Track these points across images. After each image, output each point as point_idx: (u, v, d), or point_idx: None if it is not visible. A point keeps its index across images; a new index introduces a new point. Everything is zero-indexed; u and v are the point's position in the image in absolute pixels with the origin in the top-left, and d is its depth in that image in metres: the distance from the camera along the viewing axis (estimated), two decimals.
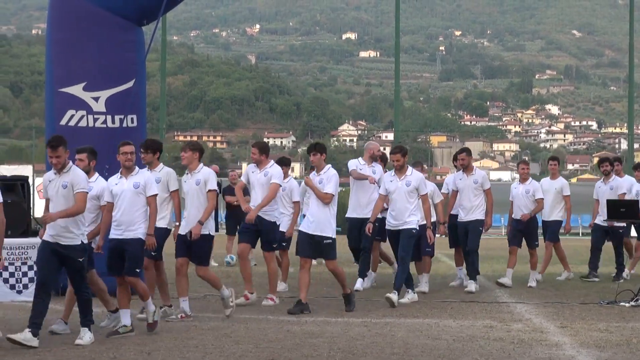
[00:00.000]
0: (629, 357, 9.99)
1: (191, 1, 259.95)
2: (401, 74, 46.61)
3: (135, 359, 9.79)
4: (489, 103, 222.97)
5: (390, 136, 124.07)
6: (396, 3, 43.60)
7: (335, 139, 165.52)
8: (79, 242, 10.66)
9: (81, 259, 10.68)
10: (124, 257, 11.48)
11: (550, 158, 19.32)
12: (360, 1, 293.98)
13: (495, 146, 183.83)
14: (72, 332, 11.34)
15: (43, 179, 10.96)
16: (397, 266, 17.04)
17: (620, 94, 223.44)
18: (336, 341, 10.84)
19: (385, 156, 17.26)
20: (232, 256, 20.66)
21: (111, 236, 11.58)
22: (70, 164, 10.82)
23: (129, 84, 15.42)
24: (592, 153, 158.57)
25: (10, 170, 40.96)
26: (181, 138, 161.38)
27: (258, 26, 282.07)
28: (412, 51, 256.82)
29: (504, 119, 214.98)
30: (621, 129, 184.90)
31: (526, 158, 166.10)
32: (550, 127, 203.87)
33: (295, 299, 13.78)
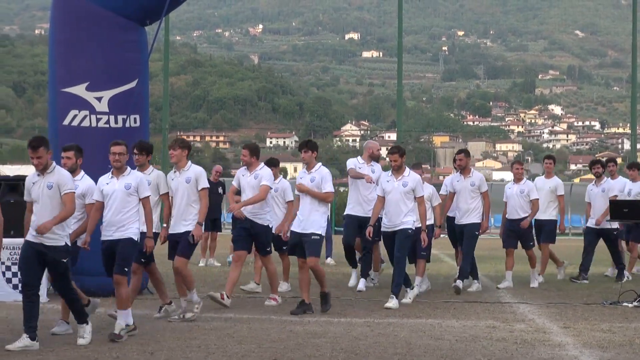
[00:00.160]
0: (631, 357, 9.99)
1: (194, 1, 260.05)
2: (404, 74, 46.63)
3: (137, 359, 9.78)
4: (491, 103, 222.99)
5: (393, 136, 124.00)
6: (399, 3, 43.60)
7: (337, 139, 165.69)
8: (62, 244, 10.51)
9: (65, 259, 10.55)
10: (114, 257, 11.34)
11: (546, 157, 19.19)
12: (363, 1, 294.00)
13: (498, 146, 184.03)
14: (74, 331, 11.34)
15: (26, 181, 10.74)
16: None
17: (623, 94, 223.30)
18: (339, 341, 10.84)
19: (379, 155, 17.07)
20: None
21: (103, 238, 11.42)
22: (53, 164, 10.65)
23: (132, 84, 15.42)
24: (595, 153, 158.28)
25: (13, 170, 41.03)
26: (184, 138, 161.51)
27: (261, 26, 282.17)
28: (415, 51, 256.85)
29: (506, 119, 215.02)
30: (624, 129, 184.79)
31: (529, 159, 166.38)
32: (553, 127, 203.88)
33: (298, 299, 13.77)
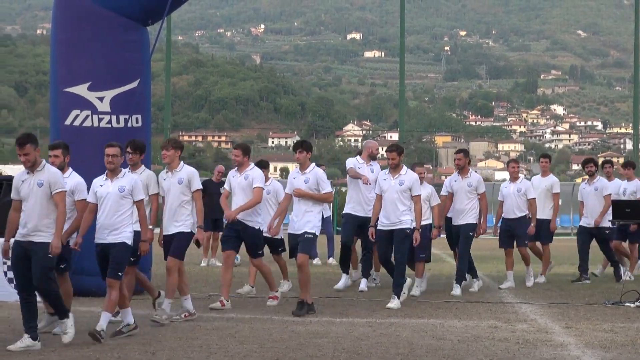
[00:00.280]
0: (634, 357, 9.97)
1: (196, 1, 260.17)
2: (406, 74, 46.56)
3: (139, 358, 9.78)
4: (494, 103, 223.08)
5: (395, 136, 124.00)
6: (401, 3, 43.60)
7: (340, 139, 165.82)
8: (51, 240, 10.36)
9: (51, 255, 10.36)
10: (107, 260, 11.23)
11: (541, 155, 19.09)
12: (365, 1, 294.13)
13: (500, 146, 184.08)
14: (77, 330, 11.33)
15: (15, 179, 10.64)
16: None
17: (625, 94, 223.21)
18: (341, 341, 10.83)
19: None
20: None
21: (96, 241, 11.29)
22: (43, 161, 10.57)
23: (134, 84, 15.40)
24: (597, 153, 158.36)
25: (16, 170, 40.99)
26: (186, 138, 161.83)
27: (263, 26, 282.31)
28: (417, 51, 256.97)
29: (509, 119, 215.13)
30: (626, 129, 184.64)
31: (531, 159, 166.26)
32: (555, 127, 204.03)
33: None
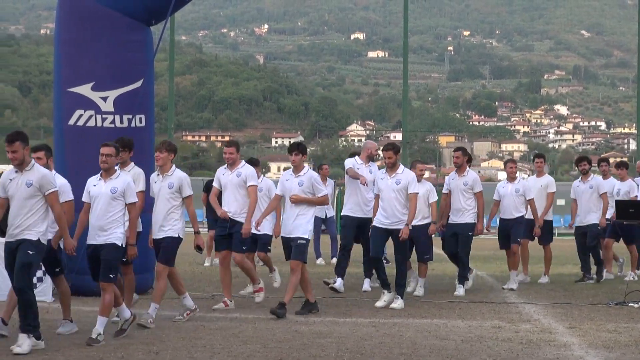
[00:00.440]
0: (637, 357, 9.97)
1: (199, 1, 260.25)
2: (409, 74, 46.63)
3: (143, 358, 9.79)
4: (497, 103, 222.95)
5: (399, 136, 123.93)
6: (404, 3, 43.61)
7: (343, 139, 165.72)
8: (35, 238, 10.20)
9: (31, 252, 10.13)
10: (99, 261, 11.13)
11: (535, 155, 19.06)
12: (369, 1, 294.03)
13: (503, 146, 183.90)
14: (80, 330, 11.35)
15: (2, 177, 10.48)
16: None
17: (629, 94, 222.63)
18: (344, 341, 10.83)
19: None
20: None
21: (88, 242, 11.22)
22: (32, 161, 10.43)
23: (137, 84, 15.41)
24: (601, 153, 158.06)
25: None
26: (189, 138, 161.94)
27: (266, 26, 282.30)
28: (421, 51, 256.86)
29: (512, 119, 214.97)
30: (630, 129, 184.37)
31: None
32: (558, 127, 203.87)
33: (303, 299, 13.73)
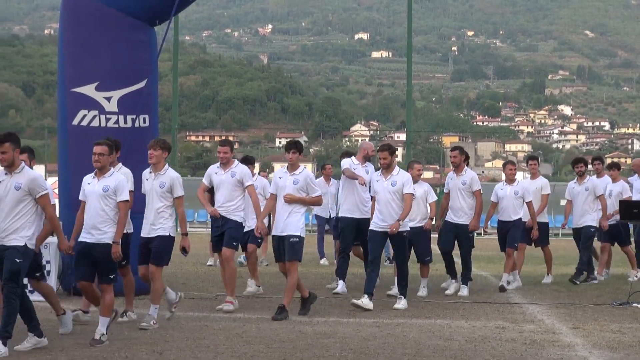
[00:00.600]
0: None
1: (203, 1, 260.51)
2: (413, 74, 46.53)
3: (147, 358, 9.79)
4: (501, 103, 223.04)
5: (402, 136, 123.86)
6: (408, 3, 43.55)
7: (347, 139, 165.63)
8: (22, 244, 10.07)
9: (19, 260, 10.00)
10: (92, 262, 11.02)
11: (529, 157, 18.92)
12: (373, 1, 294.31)
13: (507, 147, 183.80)
14: (83, 330, 11.35)
15: None
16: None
17: (633, 95, 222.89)
18: (348, 342, 10.83)
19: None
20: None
21: (80, 238, 11.12)
22: (22, 164, 10.31)
23: (141, 84, 15.39)
24: (605, 154, 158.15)
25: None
26: (193, 138, 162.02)
27: (270, 26, 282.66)
28: (425, 51, 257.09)
29: (516, 119, 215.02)
30: (634, 129, 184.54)
31: (538, 159, 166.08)
32: (562, 127, 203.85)
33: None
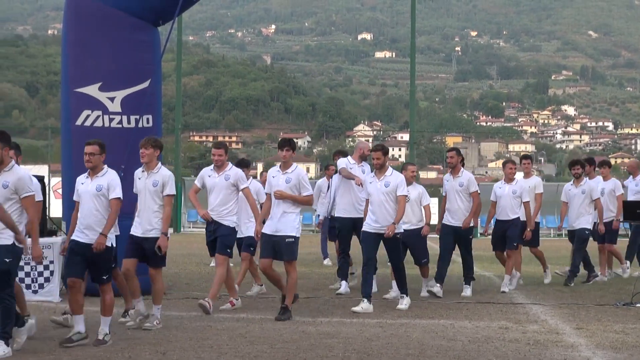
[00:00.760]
0: None
1: (207, 1, 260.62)
2: (417, 75, 46.60)
3: (150, 358, 9.79)
4: (504, 104, 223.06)
5: (406, 137, 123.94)
6: (412, 3, 43.60)
7: (350, 139, 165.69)
8: (10, 242, 9.87)
9: (8, 259, 9.84)
10: (84, 261, 10.85)
11: (523, 157, 18.74)
12: (376, 1, 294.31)
13: (511, 147, 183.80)
14: (87, 330, 11.35)
15: None
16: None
17: (636, 95, 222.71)
18: (351, 342, 10.82)
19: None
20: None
21: (73, 237, 11.01)
22: (12, 162, 10.23)
23: (145, 84, 15.41)
24: (609, 154, 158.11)
25: (26, 170, 41.14)
26: (197, 138, 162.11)
27: (273, 26, 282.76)
28: (428, 51, 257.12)
29: (519, 119, 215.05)
30: (637, 129, 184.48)
31: (542, 159, 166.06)
32: (566, 127, 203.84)
33: (310, 299, 13.69)
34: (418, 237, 15.65)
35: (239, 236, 14.26)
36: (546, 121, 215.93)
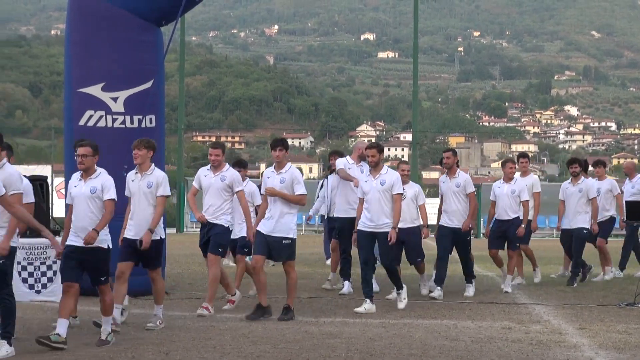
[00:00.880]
0: None
1: (210, 2, 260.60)
2: (419, 75, 46.60)
3: (153, 358, 9.80)
4: (507, 104, 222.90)
5: (409, 137, 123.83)
6: (415, 4, 43.61)
7: (353, 139, 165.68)
8: None
9: (1, 260, 9.79)
10: (80, 264, 10.74)
11: (520, 155, 18.64)
12: (379, 2, 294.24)
13: (513, 147, 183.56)
14: (89, 329, 11.37)
15: None
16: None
17: (639, 95, 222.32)
18: (354, 342, 10.83)
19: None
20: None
21: (68, 242, 10.85)
22: (4, 161, 10.16)
23: (148, 84, 15.42)
24: (611, 154, 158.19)
25: (30, 171, 41.11)
26: (200, 138, 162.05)
27: (276, 27, 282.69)
28: (431, 52, 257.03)
29: (522, 119, 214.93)
30: None
31: (545, 160, 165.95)
32: (569, 128, 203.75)
33: (313, 299, 13.70)
34: (413, 236, 15.58)
35: (232, 237, 14.15)
36: (549, 121, 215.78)
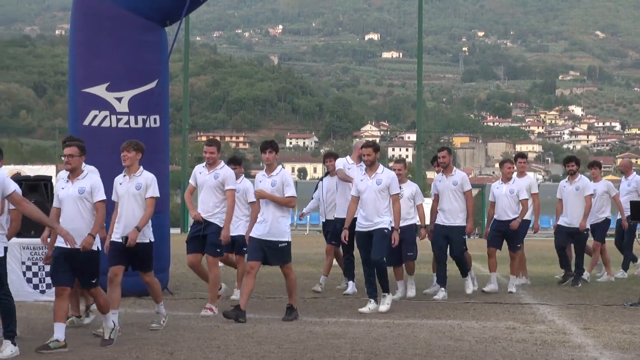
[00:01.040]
0: None
1: (214, 2, 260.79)
2: (424, 75, 46.59)
3: (157, 358, 9.80)
4: (512, 104, 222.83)
5: (413, 137, 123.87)
6: (419, 4, 43.59)
7: (357, 139, 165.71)
8: None
9: None
10: (70, 268, 10.59)
11: (518, 155, 18.54)
12: (383, 2, 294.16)
13: (518, 147, 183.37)
14: (92, 329, 11.37)
15: None
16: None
17: None
18: (358, 342, 10.83)
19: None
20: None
21: (57, 244, 10.68)
22: None
23: (152, 85, 15.42)
24: (616, 154, 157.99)
25: (34, 171, 41.25)
26: (204, 138, 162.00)
27: (281, 27, 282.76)
28: (435, 52, 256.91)
29: (527, 119, 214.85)
30: None
31: (549, 160, 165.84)
32: (573, 128, 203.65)
33: (318, 298, 13.69)
34: (407, 232, 15.38)
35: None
36: (553, 121, 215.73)
